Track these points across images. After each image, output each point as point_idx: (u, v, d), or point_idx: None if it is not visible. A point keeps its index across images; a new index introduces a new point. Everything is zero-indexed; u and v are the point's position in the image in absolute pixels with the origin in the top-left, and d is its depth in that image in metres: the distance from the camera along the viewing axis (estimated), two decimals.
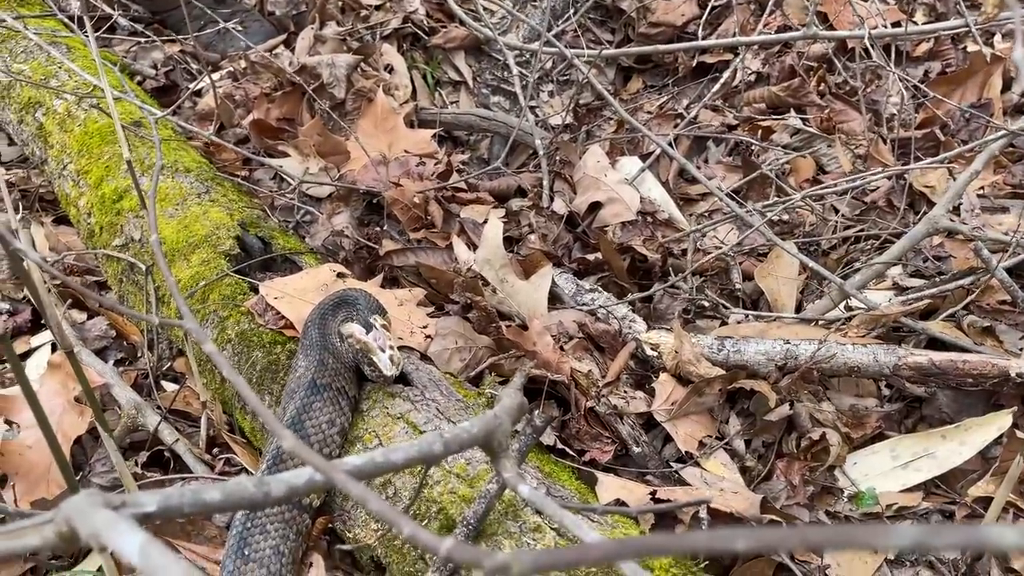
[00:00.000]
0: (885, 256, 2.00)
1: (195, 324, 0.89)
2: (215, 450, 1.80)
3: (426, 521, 1.43)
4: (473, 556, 0.55)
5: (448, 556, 0.58)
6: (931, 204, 2.31)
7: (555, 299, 1.98)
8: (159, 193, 2.13)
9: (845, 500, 1.74)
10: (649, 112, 3.06)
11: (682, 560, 1.40)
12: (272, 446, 1.52)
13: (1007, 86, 2.82)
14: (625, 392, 1.73)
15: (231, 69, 3.07)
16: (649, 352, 1.84)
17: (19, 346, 2.23)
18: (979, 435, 1.72)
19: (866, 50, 2.85)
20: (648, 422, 1.74)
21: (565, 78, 3.42)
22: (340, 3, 3.45)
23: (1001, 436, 1.71)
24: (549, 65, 3.38)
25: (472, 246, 2.04)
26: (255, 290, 1.86)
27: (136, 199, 2.17)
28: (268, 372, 1.72)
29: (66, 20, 2.80)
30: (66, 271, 2.28)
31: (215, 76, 3.02)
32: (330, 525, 1.55)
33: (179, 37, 3.22)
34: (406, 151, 2.35)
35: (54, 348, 2.18)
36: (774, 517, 1.54)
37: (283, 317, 1.77)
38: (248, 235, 2.02)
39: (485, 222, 2.10)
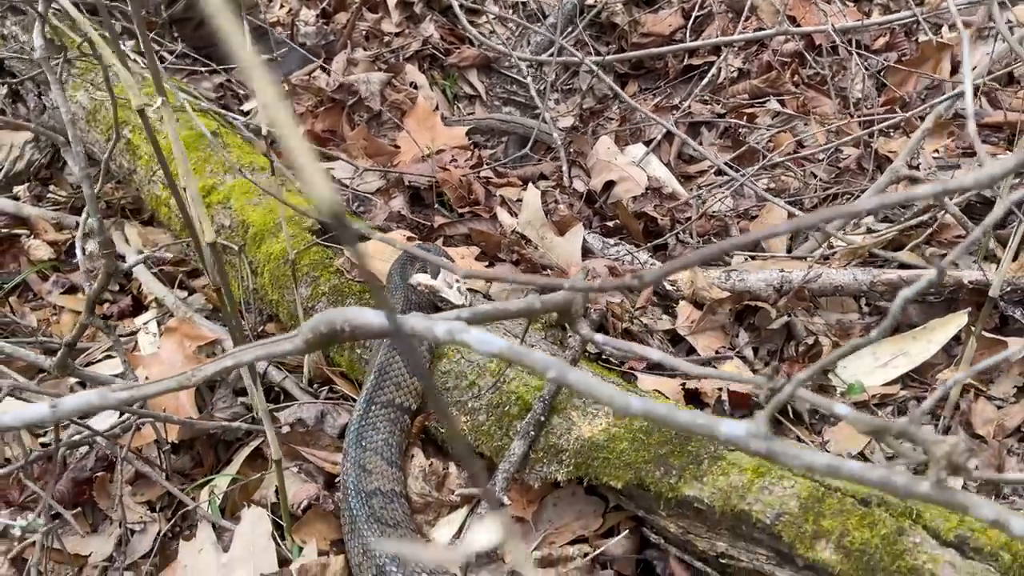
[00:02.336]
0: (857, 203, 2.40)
1: (356, 231, 1.28)
2: (314, 385, 2.17)
3: (507, 407, 1.80)
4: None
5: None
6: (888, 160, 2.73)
7: (587, 253, 2.37)
8: (244, 186, 2.52)
9: (838, 395, 2.13)
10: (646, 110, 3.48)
11: None
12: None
13: (955, 69, 3.26)
14: (652, 315, 2.12)
15: None
16: (668, 287, 2.23)
17: (126, 325, 2.60)
18: (942, 333, 2.11)
19: (833, 46, 3.30)
20: (673, 339, 2.12)
21: (568, 87, 3.85)
22: (364, 32, 3.88)
23: (959, 332, 2.10)
24: (553, 77, 3.80)
25: (513, 214, 2.43)
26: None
27: (221, 194, 2.55)
28: None
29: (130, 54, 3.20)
30: (164, 261, 2.66)
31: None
32: (426, 424, 1.92)
33: (222, 68, 3.63)
34: (445, 145, 2.75)
35: (158, 325, 2.55)
36: None
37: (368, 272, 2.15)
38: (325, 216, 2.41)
39: (520, 200, 2.49)
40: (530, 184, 2.46)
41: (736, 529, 1.56)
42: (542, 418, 1.72)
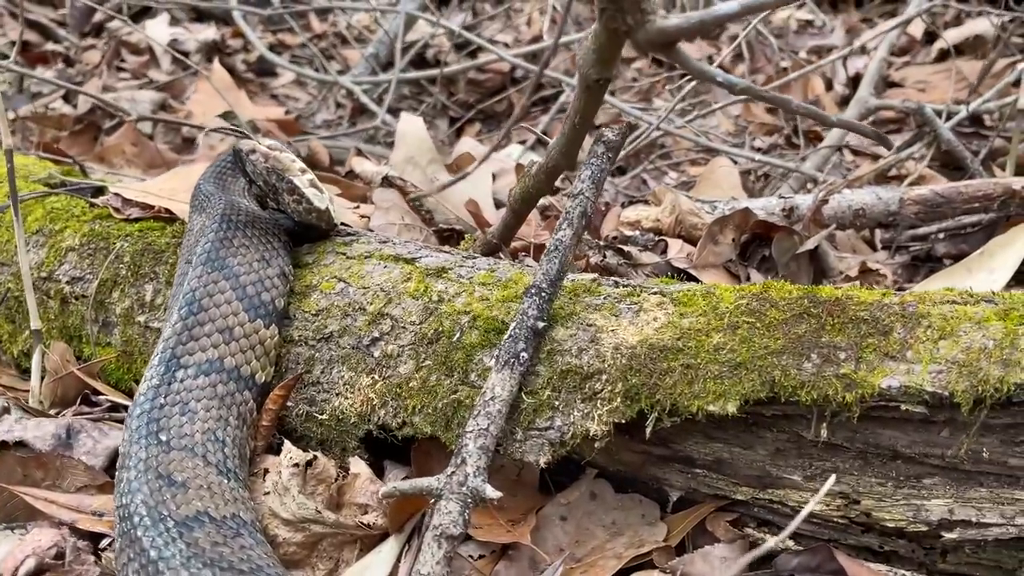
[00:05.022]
0: (827, 141, 1.86)
1: None
2: (54, 411, 1.17)
3: (454, 334, 0.94)
4: None
5: None
6: (819, 139, 2.25)
7: (499, 205, 1.61)
8: None
9: None
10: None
11: None
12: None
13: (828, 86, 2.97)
14: (631, 248, 1.37)
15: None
16: (628, 233, 1.50)
17: None
18: (1008, 254, 1.52)
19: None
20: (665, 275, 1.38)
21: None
22: (131, 73, 3.05)
23: None
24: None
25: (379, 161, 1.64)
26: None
27: None
28: (147, 255, 1.18)
29: None
30: None
31: None
32: (285, 404, 0.99)
33: None
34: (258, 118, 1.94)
35: None
36: None
37: (152, 207, 1.26)
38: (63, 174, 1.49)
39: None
40: (402, 115, 1.70)
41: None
42: (539, 324, 0.88)
